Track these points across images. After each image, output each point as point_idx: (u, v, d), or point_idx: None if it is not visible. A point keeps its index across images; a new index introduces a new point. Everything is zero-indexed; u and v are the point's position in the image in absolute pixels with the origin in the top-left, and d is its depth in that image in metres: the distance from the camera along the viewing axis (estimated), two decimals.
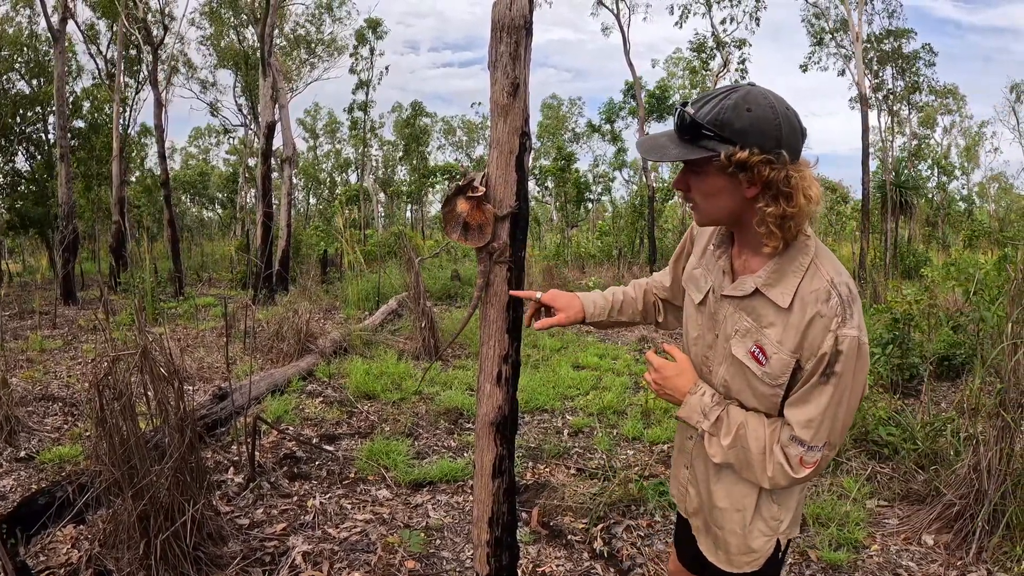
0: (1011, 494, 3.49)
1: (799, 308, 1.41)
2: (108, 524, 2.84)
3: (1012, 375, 3.66)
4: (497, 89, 1.66)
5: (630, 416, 5.76)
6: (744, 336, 1.50)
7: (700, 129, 1.36)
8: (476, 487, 1.92)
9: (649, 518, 3.76)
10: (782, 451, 1.46)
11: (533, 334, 9.57)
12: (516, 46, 1.63)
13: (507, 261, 1.77)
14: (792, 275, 1.43)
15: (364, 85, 31.19)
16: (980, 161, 39.52)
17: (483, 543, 1.90)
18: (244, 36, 25.08)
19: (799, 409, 1.43)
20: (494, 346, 1.82)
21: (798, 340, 1.41)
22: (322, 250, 19.15)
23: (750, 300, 1.50)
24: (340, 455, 4.59)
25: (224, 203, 42.18)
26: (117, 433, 2.74)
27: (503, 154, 1.70)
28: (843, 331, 1.36)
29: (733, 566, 1.67)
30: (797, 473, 1.45)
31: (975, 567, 3.32)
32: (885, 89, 25.46)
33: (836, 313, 1.37)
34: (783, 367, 1.43)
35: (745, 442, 1.49)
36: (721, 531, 1.67)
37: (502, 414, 1.86)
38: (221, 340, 8.71)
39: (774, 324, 1.45)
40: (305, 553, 3.08)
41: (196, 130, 48.43)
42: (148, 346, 2.74)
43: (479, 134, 48.61)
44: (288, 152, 15.54)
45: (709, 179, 1.40)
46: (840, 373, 1.37)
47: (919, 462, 4.44)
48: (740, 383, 1.54)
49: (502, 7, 1.62)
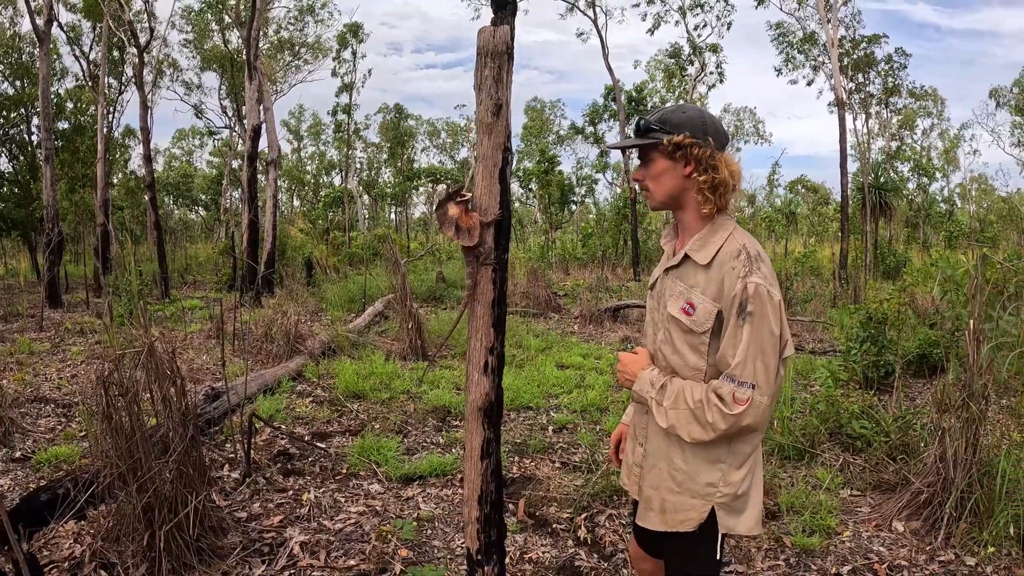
0: (977, 482, 3.64)
1: (716, 266, 1.77)
2: (111, 518, 2.95)
3: (977, 368, 3.83)
4: (482, 109, 1.85)
5: (612, 413, 5.92)
6: (678, 297, 1.84)
7: (650, 126, 1.82)
8: (466, 468, 2.07)
9: (631, 507, 3.92)
10: (715, 394, 1.73)
11: (518, 333, 9.73)
12: (499, 70, 1.81)
13: (492, 263, 1.96)
14: (713, 244, 1.81)
15: (347, 88, 31.23)
16: (959, 163, 40.16)
17: (473, 519, 2.05)
18: (229, 39, 25.08)
19: (726, 352, 1.73)
20: (481, 339, 1.99)
21: (716, 289, 1.75)
22: (307, 252, 19.20)
23: (682, 267, 1.87)
24: (332, 452, 4.72)
25: (207, 205, 42.02)
26: (121, 428, 2.86)
27: (487, 167, 1.89)
28: (751, 279, 1.70)
29: (666, 524, 1.87)
30: (732, 409, 1.69)
31: (943, 551, 3.46)
32: (864, 92, 25.87)
33: (744, 266, 1.73)
34: (707, 314, 1.76)
35: (684, 401, 1.77)
36: (656, 491, 1.89)
37: (489, 400, 2.02)
38: (209, 342, 8.78)
39: (698, 282, 1.80)
40: (302, 543, 3.22)
41: (180, 132, 48.30)
42: (154, 344, 2.86)
43: (463, 136, 48.71)
44: (273, 155, 15.59)
45: (656, 164, 1.84)
46: (753, 313, 1.69)
47: (891, 453, 4.61)
48: (674, 339, 1.84)
49: (486, 35, 1.82)
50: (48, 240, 12.47)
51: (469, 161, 45.42)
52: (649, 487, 1.91)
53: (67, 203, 19.37)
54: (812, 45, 24.18)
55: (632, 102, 27.31)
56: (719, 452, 1.81)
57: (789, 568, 3.36)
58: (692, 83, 26.78)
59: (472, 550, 2.08)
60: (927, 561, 3.39)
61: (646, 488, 1.93)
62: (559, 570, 3.26)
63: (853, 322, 7.45)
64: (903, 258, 21.02)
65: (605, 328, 11.60)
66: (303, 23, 26.42)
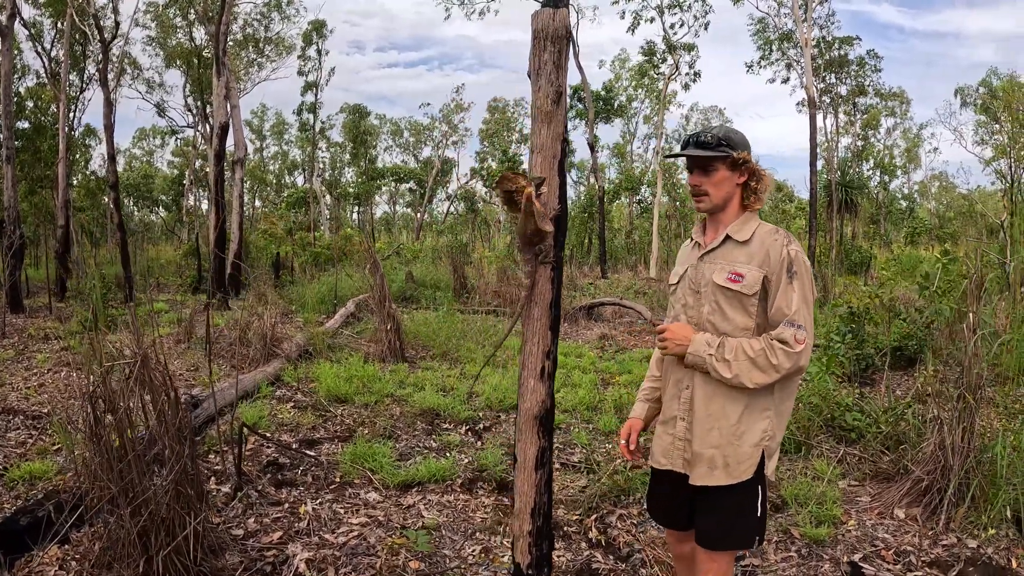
0: (974, 468, 3.75)
1: (757, 242, 2.14)
2: (103, 542, 2.76)
3: (970, 362, 3.89)
4: (541, 96, 1.71)
5: (603, 411, 5.85)
6: (721, 271, 2.16)
7: (720, 142, 2.16)
8: (518, 480, 1.96)
9: (639, 506, 3.85)
10: (778, 340, 2.03)
11: (496, 334, 9.62)
12: (559, 55, 1.68)
13: (551, 261, 1.82)
14: (749, 227, 2.19)
15: (312, 87, 30.71)
16: (920, 161, 41.08)
17: (524, 533, 1.94)
18: (193, 36, 24.42)
19: (780, 305, 2.06)
20: (538, 343, 1.87)
21: (762, 259, 2.10)
22: (273, 253, 18.80)
23: (722, 247, 2.19)
24: (323, 460, 4.55)
25: (168, 206, 40.95)
26: (109, 447, 2.67)
27: (546, 159, 1.75)
28: (791, 247, 2.09)
29: (732, 476, 2.11)
30: (795, 348, 2.00)
31: (945, 535, 3.56)
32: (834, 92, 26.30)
33: (785, 238, 2.12)
34: (755, 279, 2.10)
35: (744, 352, 2.05)
36: (717, 449, 2.12)
37: (545, 407, 1.92)
38: (179, 347, 8.49)
39: (738, 257, 2.15)
40: (307, 560, 3.05)
41: (140, 131, 46.80)
42: (147, 354, 2.68)
43: (425, 135, 48.20)
44: (239, 153, 15.21)
45: (719, 173, 2.18)
46: (798, 272, 2.06)
47: (884, 444, 4.68)
48: (724, 307, 2.14)
49: (544, 18, 1.66)
50: (10, 243, 11.97)
51: (433, 160, 45.04)
52: (709, 448, 2.13)
53: (27, 205, 18.64)
54: (789, 43, 24.45)
55: (600, 100, 27.33)
56: (766, 401, 2.12)
57: (801, 559, 3.38)
58: (666, 80, 26.86)
59: (523, 564, 1.97)
60: (931, 545, 3.49)
61: (705, 451, 2.13)
62: (577, 573, 3.17)
63: (832, 318, 7.51)
64: (868, 254, 21.42)
65: (581, 326, 11.56)
66: (269, 19, 25.84)
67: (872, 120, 31.19)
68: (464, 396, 6.32)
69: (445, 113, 45.23)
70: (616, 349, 9.24)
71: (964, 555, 3.35)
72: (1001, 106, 25.55)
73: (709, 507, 2.17)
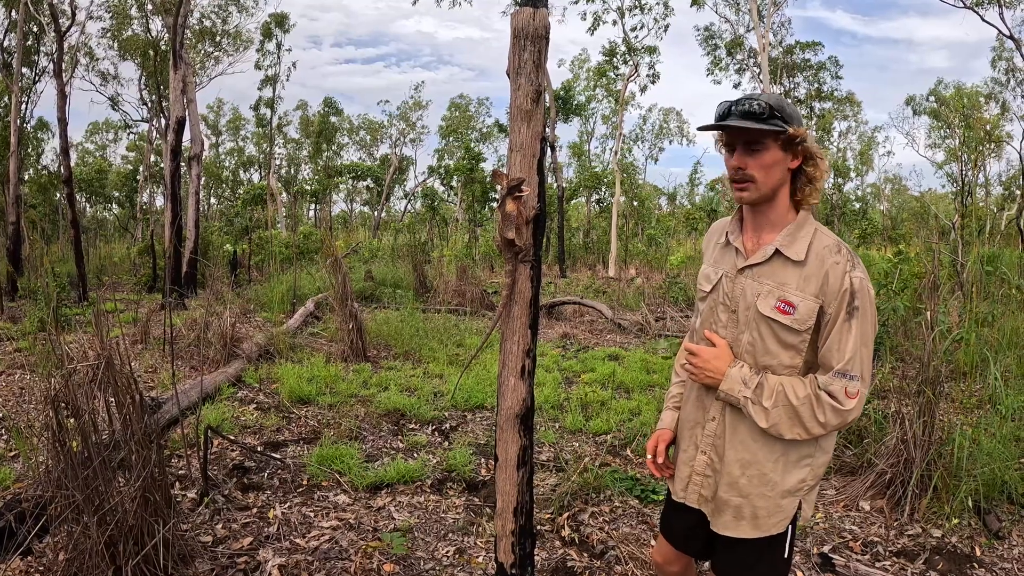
0: (935, 460, 3.89)
1: (815, 260, 1.72)
2: (68, 553, 2.67)
3: (929, 357, 4.03)
4: (520, 95, 1.70)
5: (568, 410, 5.87)
6: (767, 295, 1.76)
7: (773, 112, 1.69)
8: (500, 479, 1.95)
9: (610, 504, 3.89)
10: (826, 392, 1.68)
11: (461, 333, 9.59)
12: (539, 54, 1.68)
13: (531, 260, 1.81)
14: (802, 238, 1.75)
15: (271, 81, 30.17)
16: (874, 164, 42.20)
17: (508, 532, 1.94)
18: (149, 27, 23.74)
19: (835, 347, 1.68)
20: (518, 341, 1.86)
21: (819, 285, 1.70)
22: (230, 252, 18.42)
23: (769, 264, 1.77)
24: (289, 462, 4.48)
25: (122, 202, 39.79)
26: (72, 453, 2.58)
27: (526, 157, 1.74)
28: (855, 274, 1.68)
29: (761, 530, 1.81)
30: (846, 405, 1.66)
31: (910, 526, 3.69)
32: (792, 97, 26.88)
33: (848, 260, 1.69)
34: (809, 311, 1.70)
35: (786, 398, 1.70)
36: (745, 500, 1.81)
37: (526, 406, 1.91)
38: (136, 348, 8.27)
39: (789, 279, 1.74)
40: (280, 566, 3.00)
41: (94, 125, 45.37)
42: (112, 357, 2.60)
43: (381, 133, 47.80)
44: (196, 149, 14.86)
45: (770, 152, 1.72)
46: (860, 308, 1.67)
47: (847, 438, 4.79)
48: (767, 341, 1.76)
49: (524, 17, 1.66)
50: None
51: (389, 158, 44.68)
52: (736, 496, 1.82)
53: None
54: (739, 49, 24.88)
55: (559, 100, 27.41)
56: (809, 449, 1.79)
57: None
58: (625, 81, 27.06)
59: (506, 564, 1.96)
60: (897, 536, 3.61)
61: (732, 498, 1.83)
62: (552, 572, 3.18)
63: None
64: None
65: (542, 325, 11.60)
66: (227, 12, 25.27)
67: (825, 124, 31.94)
68: (430, 396, 6.29)
69: (403, 111, 44.98)
70: (578, 348, 9.29)
71: (929, 544, 3.48)
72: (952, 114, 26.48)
73: (731, 558, 1.90)
